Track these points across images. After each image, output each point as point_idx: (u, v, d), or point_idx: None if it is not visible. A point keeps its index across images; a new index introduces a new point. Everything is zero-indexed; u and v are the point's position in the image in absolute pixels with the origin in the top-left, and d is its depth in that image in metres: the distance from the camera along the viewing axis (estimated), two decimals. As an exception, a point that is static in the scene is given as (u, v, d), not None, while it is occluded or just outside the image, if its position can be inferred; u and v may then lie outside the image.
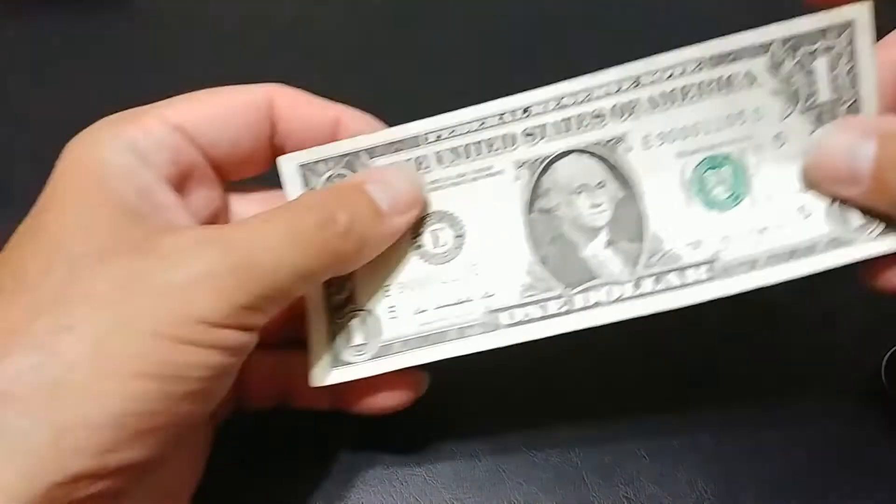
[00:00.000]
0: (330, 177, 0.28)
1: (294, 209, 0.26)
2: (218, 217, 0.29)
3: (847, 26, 0.26)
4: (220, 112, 0.28)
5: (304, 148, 0.28)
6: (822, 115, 0.27)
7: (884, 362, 0.33)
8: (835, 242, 0.27)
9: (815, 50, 0.26)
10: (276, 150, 0.29)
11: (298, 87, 0.43)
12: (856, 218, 0.27)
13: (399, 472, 0.32)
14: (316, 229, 0.25)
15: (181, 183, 0.27)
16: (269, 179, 0.30)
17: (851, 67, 0.26)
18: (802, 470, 0.32)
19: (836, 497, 0.31)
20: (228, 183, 0.29)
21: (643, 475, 0.32)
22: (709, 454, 0.32)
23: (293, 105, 0.29)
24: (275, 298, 0.24)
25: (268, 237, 0.24)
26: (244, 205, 0.30)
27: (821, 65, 0.26)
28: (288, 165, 0.28)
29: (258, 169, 0.29)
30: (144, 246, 0.23)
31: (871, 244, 0.27)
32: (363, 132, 0.29)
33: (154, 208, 0.25)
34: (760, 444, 0.32)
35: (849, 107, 0.27)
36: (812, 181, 0.27)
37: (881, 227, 0.27)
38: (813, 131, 0.27)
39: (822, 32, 0.26)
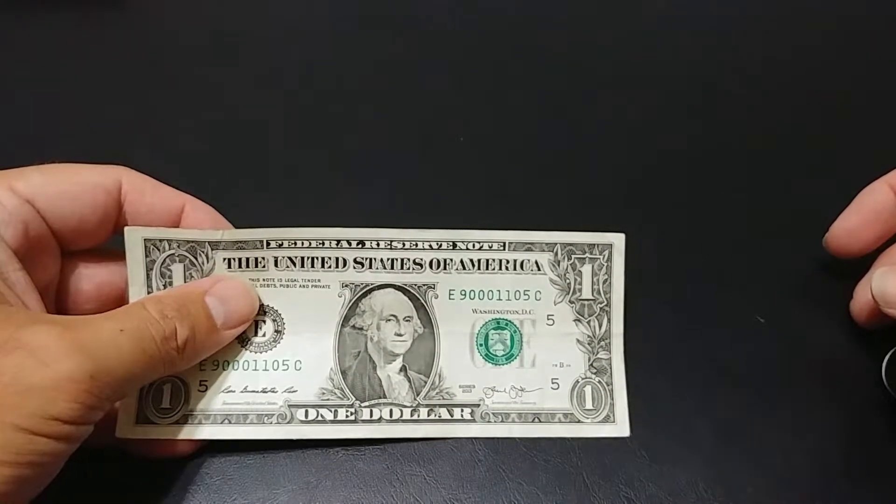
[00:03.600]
0: (171, 255, 0.31)
1: (144, 318, 0.28)
2: (54, 282, 0.31)
3: (608, 247, 0.33)
4: (70, 190, 0.30)
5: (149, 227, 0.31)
6: (583, 308, 0.33)
7: (884, 363, 0.33)
8: (569, 417, 0.33)
9: (585, 258, 0.33)
10: (120, 227, 0.31)
11: (297, 86, 0.43)
12: (589, 402, 0.33)
13: (399, 472, 0.32)
14: (160, 343, 0.28)
15: (27, 254, 0.29)
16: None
17: (607, 279, 0.33)
18: (802, 470, 0.32)
19: (836, 497, 0.31)
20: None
21: (643, 476, 0.32)
22: (709, 454, 0.32)
23: (140, 190, 0.31)
24: (115, 399, 0.27)
25: (120, 347, 0.26)
26: (78, 268, 0.32)
27: (587, 270, 0.33)
28: (133, 236, 0.31)
29: (99, 242, 0.32)
30: (10, 341, 0.25)
31: (593, 427, 0.32)
32: (203, 223, 0.31)
33: (7, 287, 0.27)
34: (760, 444, 0.32)
35: (601, 307, 0.33)
36: (882, 303, 0.31)
37: (603, 414, 0.32)
38: (575, 319, 0.33)
39: (591, 247, 0.33)
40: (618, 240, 0.33)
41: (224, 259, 0.31)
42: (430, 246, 0.32)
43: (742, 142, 0.41)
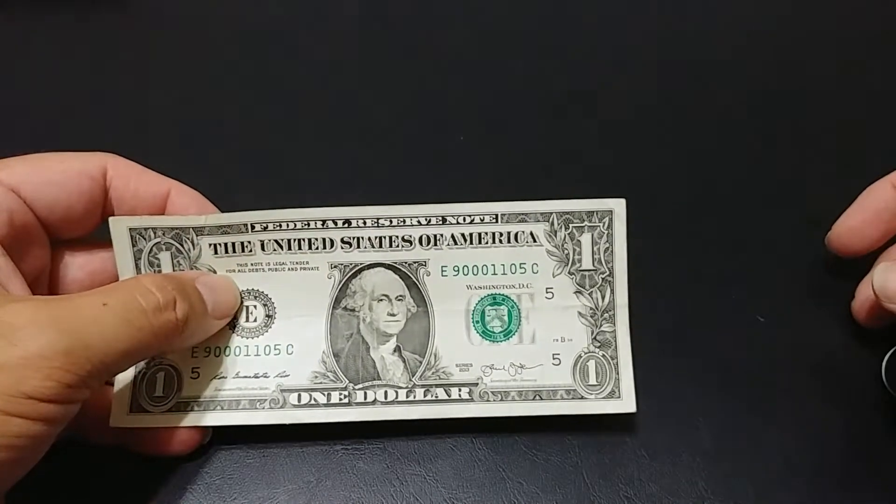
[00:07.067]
0: (158, 243, 0.31)
1: (133, 290, 0.27)
2: (45, 271, 0.31)
3: (608, 213, 0.32)
4: (55, 178, 0.30)
5: (134, 213, 0.31)
6: (583, 280, 0.32)
7: (884, 362, 0.33)
8: (571, 394, 0.31)
9: (584, 227, 0.32)
10: (107, 214, 0.31)
11: (297, 86, 0.43)
12: (592, 377, 0.31)
13: (399, 472, 0.32)
14: (153, 313, 0.27)
15: (12, 243, 0.28)
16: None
17: (608, 247, 0.32)
18: (802, 470, 0.32)
19: (836, 497, 0.31)
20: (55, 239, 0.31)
21: (643, 475, 0.32)
22: (709, 454, 0.32)
23: (125, 176, 0.31)
24: (101, 376, 0.26)
25: (102, 321, 0.25)
26: (69, 257, 0.32)
27: (586, 239, 0.32)
28: (118, 227, 0.31)
29: (88, 230, 0.31)
30: None
31: (597, 403, 0.31)
32: (189, 208, 0.31)
33: None
34: (760, 444, 0.32)
35: (604, 277, 0.32)
36: (883, 298, 0.31)
37: (608, 389, 0.31)
38: (576, 291, 0.32)
39: (590, 214, 0.32)
40: (618, 206, 0.31)
41: (210, 245, 0.31)
42: (419, 222, 0.31)
43: (742, 141, 0.41)
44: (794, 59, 0.45)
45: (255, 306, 0.32)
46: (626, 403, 0.31)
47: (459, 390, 0.31)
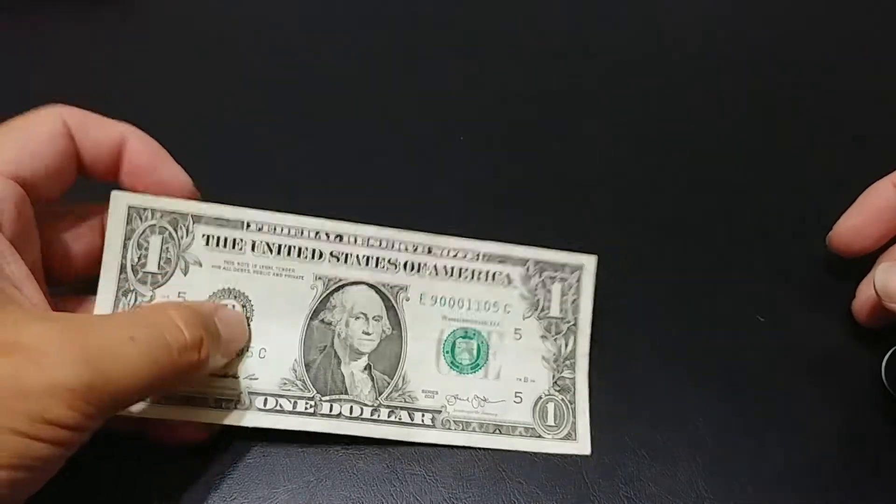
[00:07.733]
0: (152, 226, 0.31)
1: (161, 326, 0.27)
2: (38, 258, 0.30)
3: (578, 268, 0.33)
4: (38, 148, 0.29)
5: (97, 163, 0.31)
6: (550, 326, 0.33)
7: (884, 362, 0.33)
8: (530, 431, 0.33)
9: (555, 277, 0.33)
10: (79, 166, 0.30)
11: (298, 86, 0.43)
12: (551, 418, 0.33)
13: (399, 472, 0.32)
14: (178, 352, 0.27)
15: (20, 238, 0.28)
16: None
17: (576, 299, 0.33)
18: (802, 470, 0.32)
19: (836, 497, 0.31)
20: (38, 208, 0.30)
21: (643, 475, 0.32)
22: (709, 454, 0.32)
23: (83, 126, 0.30)
24: (114, 410, 0.26)
25: (127, 357, 0.25)
26: (63, 234, 0.31)
27: (556, 289, 0.33)
28: (118, 202, 0.31)
29: (66, 188, 0.30)
30: (8, 342, 0.24)
31: (553, 443, 0.32)
32: (142, 154, 0.31)
33: (7, 282, 0.26)
34: (760, 444, 0.32)
35: (569, 326, 0.33)
36: (885, 298, 0.31)
37: (564, 432, 0.33)
38: (542, 336, 0.33)
39: (562, 266, 0.33)
40: (589, 261, 0.33)
41: (203, 235, 0.31)
42: (406, 248, 0.32)
43: (742, 141, 0.41)
44: (794, 59, 0.45)
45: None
46: (582, 446, 0.33)
47: (423, 416, 0.32)
